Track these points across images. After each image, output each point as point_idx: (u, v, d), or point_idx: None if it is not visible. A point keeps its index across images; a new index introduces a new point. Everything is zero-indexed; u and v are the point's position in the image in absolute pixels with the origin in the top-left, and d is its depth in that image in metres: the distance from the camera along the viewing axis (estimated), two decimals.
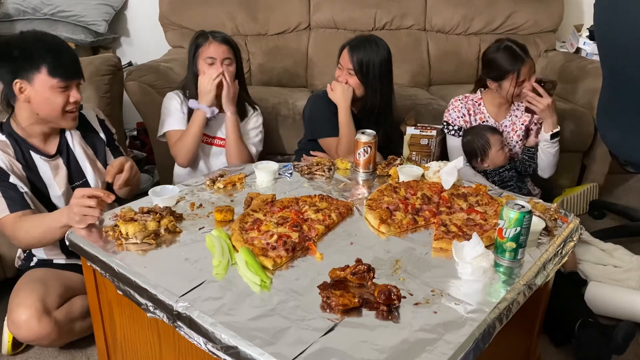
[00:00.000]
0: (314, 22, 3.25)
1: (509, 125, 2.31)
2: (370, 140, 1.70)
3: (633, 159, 2.22)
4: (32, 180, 1.62)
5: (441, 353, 0.93)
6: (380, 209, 1.42)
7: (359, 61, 2.08)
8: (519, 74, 2.14)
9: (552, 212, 1.45)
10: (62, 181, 1.68)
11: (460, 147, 2.29)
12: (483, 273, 1.17)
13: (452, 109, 2.33)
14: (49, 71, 1.52)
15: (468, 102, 2.33)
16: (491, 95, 2.30)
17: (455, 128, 2.31)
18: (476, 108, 2.32)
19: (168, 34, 3.17)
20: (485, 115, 2.31)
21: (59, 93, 1.56)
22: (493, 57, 2.19)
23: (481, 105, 2.32)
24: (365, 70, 2.08)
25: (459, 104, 2.33)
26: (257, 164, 1.70)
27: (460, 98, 2.35)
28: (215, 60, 2.00)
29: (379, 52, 2.10)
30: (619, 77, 2.10)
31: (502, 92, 2.21)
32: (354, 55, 2.08)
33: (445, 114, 2.37)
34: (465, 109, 2.31)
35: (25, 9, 3.00)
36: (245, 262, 1.14)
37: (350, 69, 2.09)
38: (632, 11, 1.90)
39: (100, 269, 1.24)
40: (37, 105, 1.56)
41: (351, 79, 2.11)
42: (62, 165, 1.69)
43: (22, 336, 1.57)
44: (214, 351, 0.99)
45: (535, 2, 3.31)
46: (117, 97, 2.47)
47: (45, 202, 1.65)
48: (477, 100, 2.33)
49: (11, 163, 1.57)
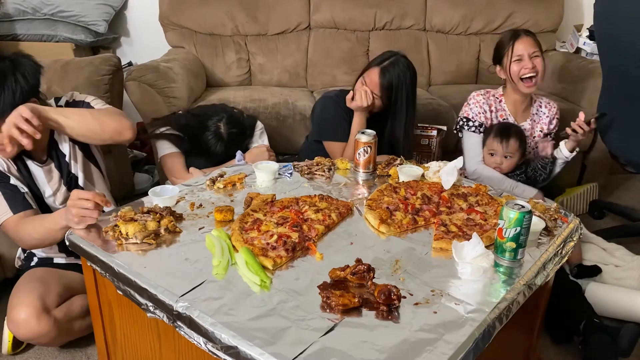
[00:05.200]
0: (314, 22, 3.25)
1: (528, 129, 2.26)
2: (370, 140, 1.70)
3: (633, 159, 2.22)
4: (29, 183, 1.62)
5: (441, 353, 0.93)
6: (380, 209, 1.42)
7: (389, 85, 2.00)
8: (513, 47, 2.13)
9: (552, 212, 1.45)
10: (56, 184, 1.68)
11: (479, 143, 2.21)
12: (483, 273, 1.17)
13: (473, 104, 2.24)
14: None
15: (490, 97, 2.25)
16: (508, 92, 2.25)
17: (476, 124, 2.21)
18: (497, 104, 2.26)
19: (168, 34, 3.17)
20: (506, 112, 2.26)
21: None
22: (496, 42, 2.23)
23: (502, 102, 2.26)
24: (393, 97, 2.02)
25: (481, 98, 2.24)
26: (257, 164, 1.70)
27: (482, 93, 2.26)
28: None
29: (408, 75, 2.03)
30: (619, 77, 2.10)
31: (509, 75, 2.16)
32: (384, 78, 1.99)
33: (465, 108, 2.27)
34: (487, 104, 2.23)
35: (25, 9, 3.00)
36: (245, 262, 1.14)
37: (376, 94, 2.02)
38: (633, 11, 1.90)
39: (100, 269, 1.24)
40: None
41: (377, 100, 2.04)
42: (54, 169, 1.68)
43: (21, 335, 1.57)
44: (214, 351, 0.99)
45: (535, 2, 3.31)
46: (117, 97, 2.47)
47: (42, 206, 1.65)
48: (499, 96, 2.27)
49: (9, 165, 1.58)
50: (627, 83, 2.05)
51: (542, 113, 2.30)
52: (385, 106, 2.07)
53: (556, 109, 2.32)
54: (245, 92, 2.87)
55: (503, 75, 2.22)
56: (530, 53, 2.12)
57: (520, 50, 2.13)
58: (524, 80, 2.14)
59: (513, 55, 2.14)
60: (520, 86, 2.16)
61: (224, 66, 3.12)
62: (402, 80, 2.02)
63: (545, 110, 2.30)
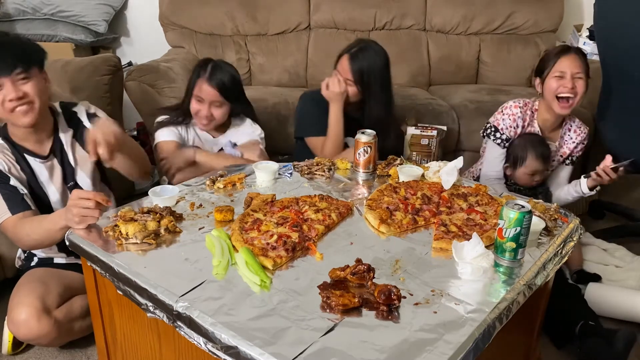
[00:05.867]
0: (314, 22, 3.25)
1: (553, 150, 2.13)
2: (370, 140, 1.70)
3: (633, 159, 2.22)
4: (30, 182, 1.62)
5: (441, 353, 0.93)
6: (380, 209, 1.42)
7: (360, 71, 2.03)
8: (557, 62, 1.98)
9: (552, 212, 1.45)
10: (58, 182, 1.68)
11: (501, 158, 2.10)
12: (483, 273, 1.17)
13: (507, 115, 2.08)
14: None
15: (527, 111, 2.08)
16: (542, 110, 2.10)
17: (502, 137, 2.07)
18: (531, 119, 2.10)
19: (168, 34, 3.17)
20: (535, 129, 2.10)
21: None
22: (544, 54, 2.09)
23: (535, 117, 2.10)
24: (366, 81, 2.04)
25: (518, 111, 2.06)
26: (257, 164, 1.70)
27: (521, 105, 2.08)
28: (203, 101, 1.95)
29: (377, 60, 2.06)
30: (619, 77, 2.10)
31: (545, 92, 2.01)
32: (354, 65, 2.04)
33: (497, 116, 2.11)
34: (521, 119, 2.07)
35: (25, 9, 3.00)
36: (245, 262, 1.14)
37: (349, 80, 2.05)
38: (633, 11, 1.90)
39: (100, 269, 1.24)
40: None
41: (349, 88, 2.07)
42: (57, 165, 1.68)
43: (21, 335, 1.57)
44: (214, 351, 0.99)
45: (535, 2, 3.31)
46: (117, 97, 2.47)
47: (43, 204, 1.65)
48: (534, 110, 2.10)
49: (10, 165, 1.57)
50: (627, 83, 2.05)
51: (568, 137, 2.16)
52: (361, 93, 2.08)
53: (585, 134, 2.17)
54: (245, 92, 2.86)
55: (540, 89, 2.06)
56: (574, 72, 1.97)
57: (564, 67, 1.97)
58: (559, 99, 1.99)
59: (555, 70, 1.98)
60: (554, 105, 2.00)
61: None
62: (373, 64, 2.05)
63: (573, 135, 2.16)
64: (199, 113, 1.96)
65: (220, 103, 1.97)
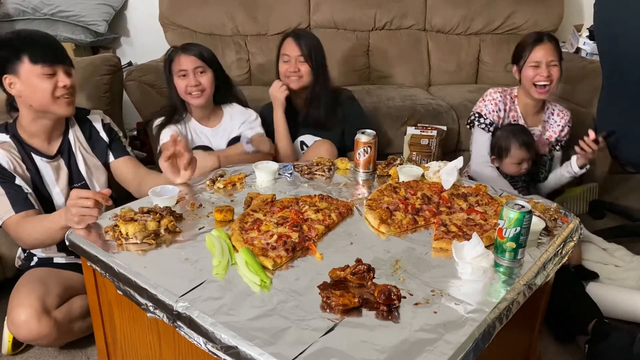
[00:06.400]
0: (314, 22, 3.25)
1: (537, 135, 2.24)
2: (370, 140, 1.70)
3: (633, 159, 2.22)
4: (35, 181, 1.63)
5: (441, 353, 0.93)
6: (380, 209, 1.42)
7: (307, 47, 2.13)
8: (532, 52, 2.10)
9: (552, 212, 1.45)
10: (64, 182, 1.69)
11: (487, 144, 2.20)
12: (483, 273, 1.17)
13: (488, 101, 2.21)
14: (31, 59, 1.53)
15: (507, 96, 2.22)
16: (521, 95, 2.23)
17: (486, 122, 2.19)
18: (511, 104, 2.23)
19: (168, 34, 3.18)
20: (517, 113, 2.23)
21: (45, 79, 1.55)
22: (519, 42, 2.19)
23: (515, 103, 2.23)
24: (313, 56, 2.14)
25: (498, 96, 2.20)
26: (257, 164, 1.70)
27: (500, 90, 2.23)
28: (187, 72, 1.99)
29: (315, 38, 2.19)
30: (619, 77, 2.10)
31: (523, 79, 2.14)
32: (301, 42, 2.13)
33: (479, 104, 2.24)
34: (502, 103, 2.20)
35: (25, 9, 3.00)
36: (245, 262, 1.14)
37: (300, 56, 2.13)
38: (633, 11, 1.90)
39: (100, 269, 1.24)
40: (28, 96, 1.56)
41: (302, 66, 2.15)
42: (64, 166, 1.70)
43: (21, 336, 1.57)
44: (213, 351, 0.99)
45: (535, 2, 3.31)
46: (117, 97, 2.47)
47: (47, 204, 1.66)
48: (513, 96, 2.24)
49: (16, 164, 1.58)
50: (627, 83, 2.05)
51: (553, 121, 2.27)
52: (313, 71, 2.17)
53: (568, 117, 2.28)
54: (245, 92, 2.86)
55: (517, 76, 2.19)
56: (548, 61, 2.09)
57: (539, 57, 2.09)
58: (536, 86, 2.11)
59: (530, 59, 2.10)
60: (532, 91, 2.13)
61: (224, 66, 3.07)
62: (315, 41, 2.18)
63: (557, 118, 2.27)
64: (188, 87, 1.99)
65: (203, 68, 2.02)
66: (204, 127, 2.11)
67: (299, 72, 2.16)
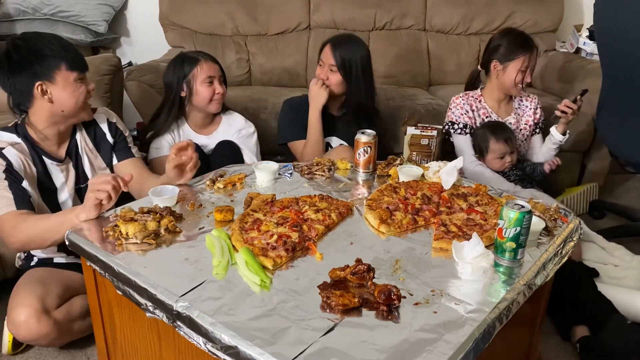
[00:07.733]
0: (314, 22, 3.25)
1: (513, 123, 2.32)
2: (370, 140, 1.70)
3: (633, 159, 2.22)
4: (44, 183, 1.64)
5: (441, 353, 0.93)
6: (380, 209, 1.42)
7: (342, 58, 2.10)
8: (524, 59, 2.17)
9: (552, 212, 1.45)
10: (71, 184, 1.71)
11: (469, 144, 2.27)
12: (483, 273, 1.17)
13: (454, 107, 2.32)
14: (69, 66, 1.57)
15: (469, 98, 2.32)
16: (490, 90, 2.32)
17: (460, 126, 2.28)
18: (478, 104, 2.32)
19: (168, 34, 3.18)
20: (488, 110, 2.32)
21: (80, 85, 1.61)
22: (506, 39, 2.22)
23: (482, 102, 2.32)
24: (348, 67, 2.10)
25: (461, 100, 2.31)
26: (257, 164, 1.70)
27: (461, 95, 2.34)
28: (213, 79, 2.02)
29: (360, 50, 2.13)
30: (619, 77, 2.10)
31: (505, 77, 2.21)
32: (337, 51, 2.10)
33: (448, 113, 2.35)
34: (467, 105, 2.30)
35: (25, 9, 3.00)
36: (245, 262, 1.14)
37: (333, 65, 2.11)
38: (632, 11, 1.90)
39: (100, 269, 1.24)
40: (62, 102, 1.59)
41: (332, 75, 2.12)
42: (72, 169, 1.71)
43: (21, 336, 1.57)
44: (213, 351, 0.99)
45: (535, 2, 3.31)
46: (117, 97, 2.47)
47: (53, 205, 1.66)
48: (477, 97, 2.34)
49: (26, 165, 1.58)
50: (627, 83, 2.05)
51: (524, 106, 2.37)
52: (344, 82, 2.13)
53: (537, 99, 2.39)
54: (245, 92, 2.87)
55: (495, 72, 2.24)
56: (532, 66, 2.21)
57: (530, 64, 2.19)
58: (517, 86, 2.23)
59: (522, 65, 2.18)
60: (512, 90, 2.25)
61: (224, 66, 3.07)
62: (355, 52, 2.12)
63: (527, 103, 2.37)
64: (215, 94, 2.03)
65: (223, 78, 2.09)
66: (198, 134, 2.14)
67: (328, 81, 2.13)
